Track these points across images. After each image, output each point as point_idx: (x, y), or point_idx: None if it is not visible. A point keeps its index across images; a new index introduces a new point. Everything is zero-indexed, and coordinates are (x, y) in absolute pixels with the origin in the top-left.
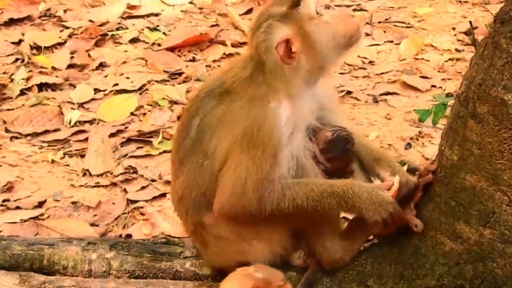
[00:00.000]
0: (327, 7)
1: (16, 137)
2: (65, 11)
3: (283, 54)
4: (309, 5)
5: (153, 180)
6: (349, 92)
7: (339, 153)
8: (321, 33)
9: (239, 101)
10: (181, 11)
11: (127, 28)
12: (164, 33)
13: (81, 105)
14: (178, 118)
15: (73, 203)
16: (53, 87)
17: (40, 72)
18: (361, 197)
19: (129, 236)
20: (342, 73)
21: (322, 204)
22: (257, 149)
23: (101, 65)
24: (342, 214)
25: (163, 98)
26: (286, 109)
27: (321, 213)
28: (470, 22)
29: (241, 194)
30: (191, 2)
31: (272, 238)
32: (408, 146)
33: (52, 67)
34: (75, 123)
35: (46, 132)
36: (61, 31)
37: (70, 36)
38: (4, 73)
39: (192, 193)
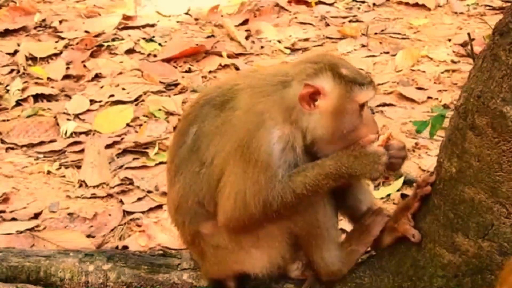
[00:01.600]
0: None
1: (12, 148)
2: (60, 21)
3: (305, 96)
4: (363, 94)
5: (149, 192)
6: None
7: None
8: (348, 117)
9: (239, 110)
10: (177, 22)
11: (122, 39)
12: (160, 44)
13: (77, 116)
14: (175, 129)
15: (69, 214)
16: (49, 98)
17: (36, 83)
18: (353, 167)
19: (125, 247)
20: None
21: (320, 187)
22: (249, 163)
23: (97, 76)
24: (340, 226)
25: (159, 109)
26: (280, 129)
27: (319, 221)
28: (469, 34)
29: (243, 206)
30: (187, 13)
31: (271, 247)
32: None
33: (48, 78)
34: (71, 134)
35: (42, 143)
36: (56, 42)
37: (65, 46)
38: (0, 84)
39: (188, 202)
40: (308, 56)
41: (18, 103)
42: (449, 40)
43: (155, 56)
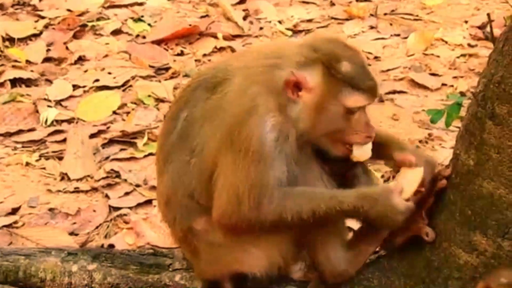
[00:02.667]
0: None
1: None
2: None
3: (289, 84)
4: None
5: (137, 185)
6: None
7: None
8: (330, 118)
9: (230, 94)
10: (168, 0)
11: (108, 19)
12: (149, 25)
13: (58, 102)
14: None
15: (50, 210)
16: (28, 82)
17: (13, 66)
18: (372, 213)
19: (111, 246)
20: None
21: (329, 219)
22: (239, 153)
23: (80, 59)
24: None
25: (149, 96)
26: (274, 117)
27: (325, 224)
28: (488, 15)
29: (236, 202)
30: None
31: (271, 245)
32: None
33: (27, 61)
34: (52, 122)
35: (20, 132)
36: (36, 21)
37: (46, 26)
38: None
39: (178, 194)
40: (315, 39)
41: None
42: (466, 21)
43: (144, 37)
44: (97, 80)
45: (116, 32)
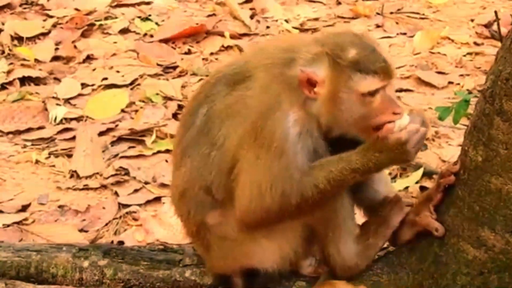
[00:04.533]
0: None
1: None
2: None
3: (303, 82)
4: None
5: (146, 183)
6: None
7: None
8: (350, 107)
9: (253, 90)
10: None
11: (116, 18)
12: (156, 23)
13: (67, 101)
14: (173, 115)
15: (59, 207)
16: (37, 81)
17: (22, 65)
18: (381, 161)
19: (121, 243)
20: None
21: (346, 182)
22: (262, 148)
23: (89, 58)
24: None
25: (157, 94)
26: (296, 112)
27: (337, 210)
28: (495, 12)
29: (259, 197)
30: None
31: (283, 240)
32: (424, 147)
33: (35, 60)
34: (61, 120)
35: (29, 130)
36: (44, 20)
37: (54, 25)
38: None
39: (195, 187)
40: (322, 34)
41: (3, 87)
42: (472, 20)
43: (151, 36)
44: (105, 79)
45: (124, 31)
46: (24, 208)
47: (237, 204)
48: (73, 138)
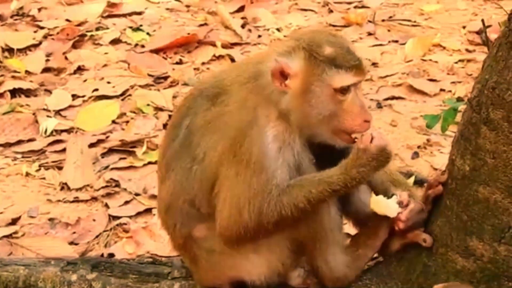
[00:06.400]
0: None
1: None
2: (39, 9)
3: (275, 73)
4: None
5: (137, 194)
6: None
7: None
8: (320, 102)
9: (230, 106)
10: (167, 9)
11: (107, 28)
12: (148, 34)
13: (57, 112)
14: (164, 126)
15: (50, 219)
16: (27, 93)
17: (13, 77)
18: (365, 174)
19: (111, 255)
20: None
21: (326, 200)
22: (241, 165)
23: (80, 69)
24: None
25: (148, 105)
26: (275, 127)
27: (323, 222)
28: (483, 21)
29: (238, 213)
30: (177, 0)
31: (271, 252)
32: (415, 155)
33: (26, 71)
34: (52, 132)
35: (20, 142)
36: (35, 32)
37: (45, 37)
38: None
39: (179, 201)
40: (297, 32)
41: None
42: (464, 27)
43: (143, 46)
44: (96, 90)
45: (115, 42)
46: (14, 222)
47: (218, 220)
48: (64, 150)
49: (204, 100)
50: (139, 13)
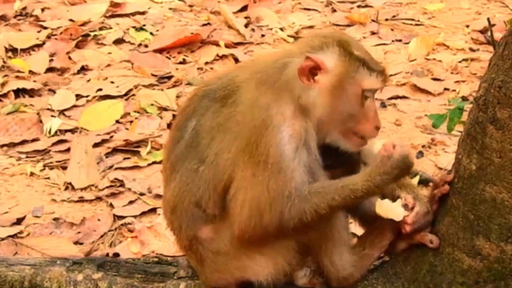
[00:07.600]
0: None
1: None
2: (42, 9)
3: (305, 69)
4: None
5: (141, 194)
6: None
7: (338, 163)
8: (347, 100)
9: (242, 105)
10: (170, 9)
11: (111, 28)
12: (151, 33)
13: (61, 112)
14: (168, 125)
15: (54, 219)
16: (31, 93)
17: (17, 77)
18: (388, 181)
19: (116, 255)
20: None
21: (347, 206)
22: (258, 166)
23: (83, 69)
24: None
25: (152, 104)
26: (290, 126)
27: (330, 222)
28: (488, 19)
29: (259, 215)
30: (180, 0)
31: (277, 252)
32: (420, 154)
33: (30, 71)
34: (56, 132)
35: (24, 142)
36: (38, 32)
37: (48, 37)
38: None
39: (184, 202)
40: (317, 32)
41: None
42: (467, 26)
43: (146, 46)
44: (100, 90)
45: (119, 42)
46: (19, 221)
47: (236, 221)
48: (68, 150)
49: (212, 101)
50: (142, 13)
